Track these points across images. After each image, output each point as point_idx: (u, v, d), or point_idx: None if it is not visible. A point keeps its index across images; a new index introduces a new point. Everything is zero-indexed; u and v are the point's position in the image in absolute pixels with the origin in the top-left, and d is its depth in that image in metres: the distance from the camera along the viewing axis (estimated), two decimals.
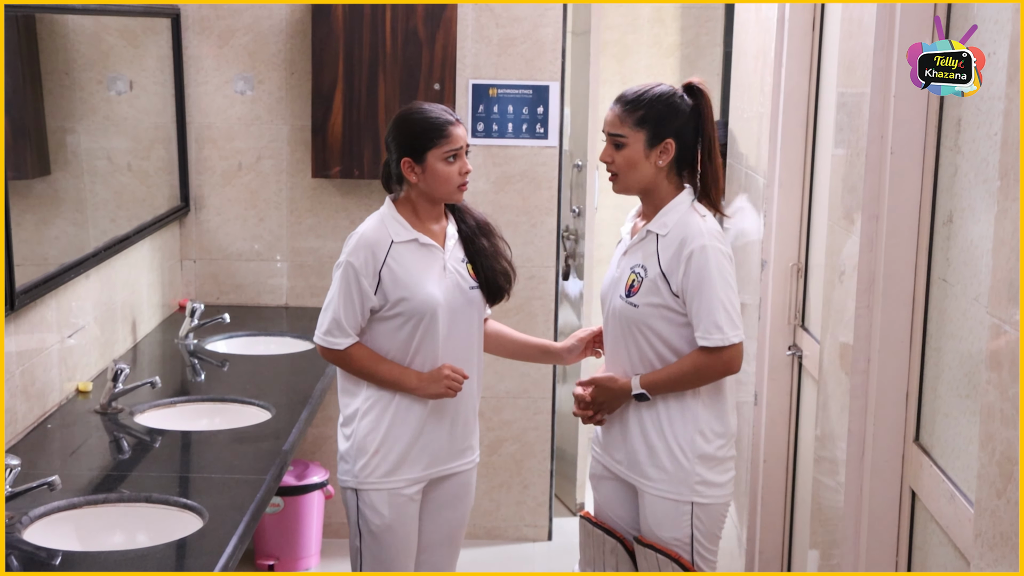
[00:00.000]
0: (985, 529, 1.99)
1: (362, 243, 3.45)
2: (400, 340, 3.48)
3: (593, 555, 3.60)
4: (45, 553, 2.82)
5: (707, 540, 3.41)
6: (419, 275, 3.46)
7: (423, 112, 3.50)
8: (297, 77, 5.27)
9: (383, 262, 3.43)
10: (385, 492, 3.50)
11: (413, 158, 3.46)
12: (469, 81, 5.30)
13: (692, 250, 3.27)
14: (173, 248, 5.23)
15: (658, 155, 3.34)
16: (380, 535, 3.52)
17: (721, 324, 3.26)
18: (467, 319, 3.57)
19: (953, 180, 2.68)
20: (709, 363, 3.29)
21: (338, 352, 3.48)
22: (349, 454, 3.52)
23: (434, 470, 3.57)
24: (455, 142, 3.46)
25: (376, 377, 3.48)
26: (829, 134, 3.59)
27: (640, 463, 3.42)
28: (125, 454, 3.56)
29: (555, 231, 5.40)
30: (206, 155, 5.31)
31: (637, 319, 3.37)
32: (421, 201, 3.52)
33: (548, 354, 3.86)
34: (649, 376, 3.36)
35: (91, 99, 4.42)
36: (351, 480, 3.52)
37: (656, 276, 3.33)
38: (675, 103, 3.34)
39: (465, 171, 3.49)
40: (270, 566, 5.13)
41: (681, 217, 3.33)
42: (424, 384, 3.47)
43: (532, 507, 5.61)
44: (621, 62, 6.79)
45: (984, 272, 2.45)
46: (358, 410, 3.51)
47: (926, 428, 2.86)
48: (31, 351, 3.62)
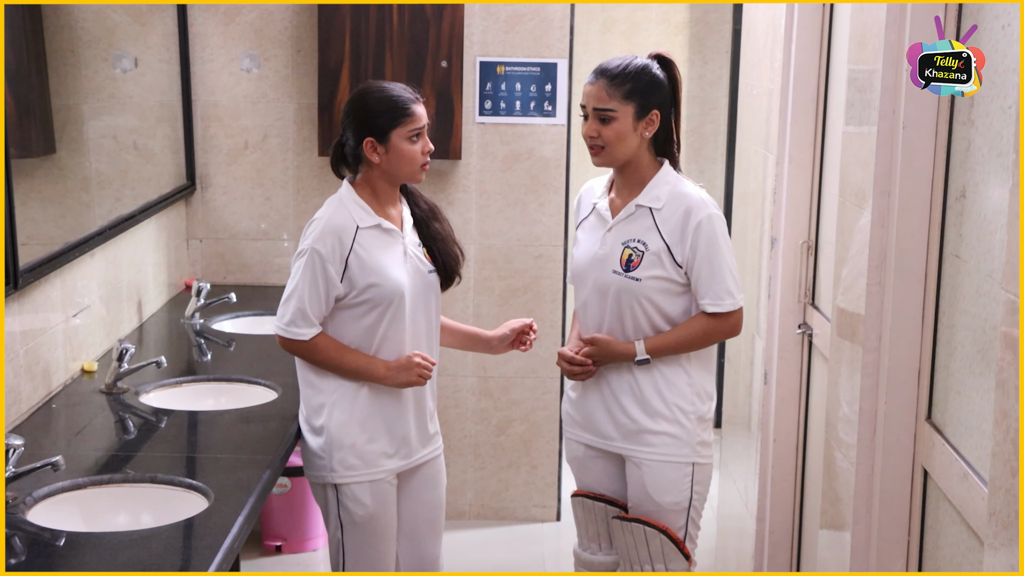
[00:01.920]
0: (999, 508, 1.97)
1: (328, 229, 3.36)
2: (364, 328, 3.42)
3: (597, 530, 3.59)
4: (49, 534, 2.80)
5: (700, 502, 3.49)
6: (384, 261, 3.40)
7: (384, 91, 3.42)
8: (304, 55, 5.23)
9: (350, 248, 3.36)
10: (367, 484, 3.46)
11: (376, 138, 3.39)
12: (476, 58, 5.26)
13: (700, 220, 3.33)
14: (179, 227, 5.20)
15: (644, 127, 3.38)
16: (364, 524, 3.47)
17: (732, 290, 3.36)
18: (426, 304, 3.53)
19: (966, 154, 2.65)
20: (718, 326, 3.38)
21: (302, 343, 3.40)
22: (324, 450, 3.44)
23: (408, 461, 3.54)
24: (418, 120, 3.41)
25: (342, 368, 3.41)
26: (840, 111, 3.56)
27: (637, 432, 3.43)
28: (130, 434, 3.54)
29: (563, 209, 5.37)
30: (212, 133, 5.28)
31: (638, 292, 3.40)
32: (381, 183, 3.45)
33: (479, 342, 3.79)
34: (655, 340, 3.41)
35: (96, 77, 4.39)
36: (329, 475, 3.46)
37: (659, 249, 3.36)
38: (656, 76, 3.40)
39: (427, 150, 3.44)
40: (278, 547, 5.11)
41: (674, 189, 3.39)
42: (393, 373, 3.43)
43: (540, 487, 5.59)
44: (630, 39, 6.75)
45: (998, 247, 2.42)
46: (324, 404, 3.45)
47: (938, 406, 2.83)
48: (35, 330, 3.59)
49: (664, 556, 3.40)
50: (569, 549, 5.28)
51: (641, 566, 3.42)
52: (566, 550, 5.31)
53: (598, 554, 3.61)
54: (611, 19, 6.78)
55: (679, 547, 3.40)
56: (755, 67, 4.78)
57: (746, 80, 5.01)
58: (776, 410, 4.19)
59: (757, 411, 4.47)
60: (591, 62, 6.69)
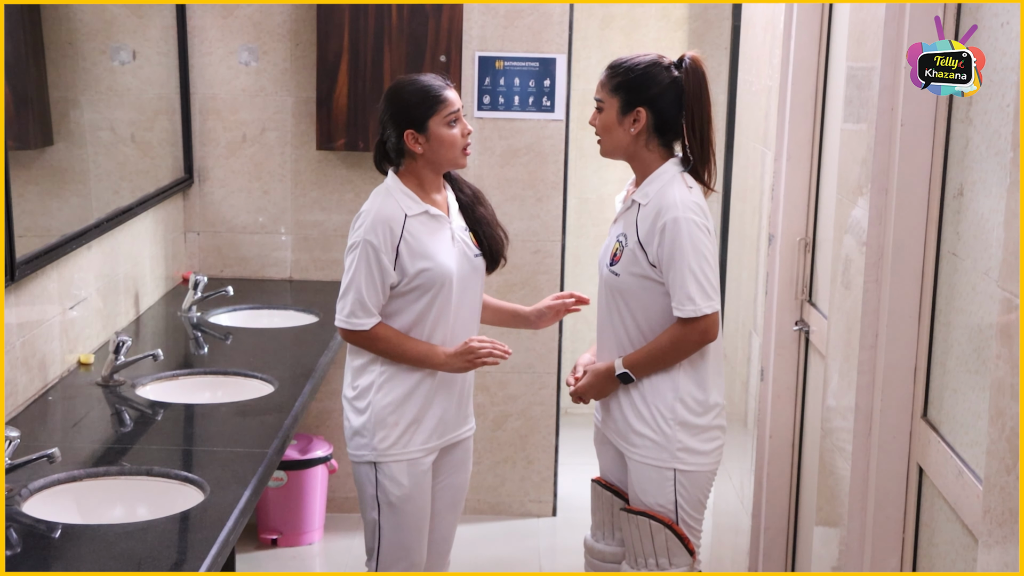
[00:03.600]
0: (994, 505, 1.97)
1: (379, 219, 3.43)
2: (416, 313, 3.49)
3: (602, 518, 3.61)
4: (44, 526, 2.80)
5: (691, 507, 3.43)
6: (433, 246, 3.48)
7: (416, 82, 3.50)
8: (302, 48, 5.23)
9: (400, 236, 3.43)
10: (404, 463, 3.53)
11: (415, 128, 3.46)
12: (475, 53, 5.25)
13: (665, 222, 3.29)
14: (177, 220, 5.20)
15: (631, 123, 3.37)
16: (400, 505, 3.54)
17: (693, 295, 3.27)
18: (473, 287, 3.61)
19: (964, 152, 2.65)
20: (685, 334, 3.31)
21: (363, 333, 3.47)
22: (366, 428, 3.51)
23: (446, 438, 3.61)
24: (453, 105, 3.48)
25: (404, 356, 3.49)
26: (838, 108, 3.56)
27: (626, 430, 3.45)
28: (127, 427, 3.54)
29: (561, 205, 5.37)
30: (210, 127, 5.28)
31: (619, 288, 3.40)
32: (426, 171, 3.52)
33: (518, 318, 3.87)
34: (630, 356, 3.40)
35: (94, 69, 4.38)
36: (370, 454, 3.52)
37: (635, 245, 3.35)
38: (652, 73, 3.36)
39: (467, 132, 3.52)
40: (273, 540, 5.11)
41: (662, 187, 3.35)
42: (452, 360, 3.50)
43: (537, 482, 5.59)
44: (629, 35, 6.75)
45: (995, 246, 2.42)
46: (373, 383, 3.52)
47: (934, 404, 2.83)
48: (32, 322, 3.59)
49: (668, 550, 3.40)
50: (565, 544, 5.30)
51: (646, 559, 3.42)
52: (562, 545, 5.32)
53: (601, 542, 3.62)
54: (610, 15, 6.77)
55: (684, 542, 3.40)
56: (754, 64, 4.78)
57: (745, 77, 5.01)
58: (772, 407, 4.19)
59: (753, 408, 4.47)
60: (590, 57, 6.70)
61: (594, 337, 3.68)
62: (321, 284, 5.32)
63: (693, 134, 3.37)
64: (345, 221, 5.31)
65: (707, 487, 3.47)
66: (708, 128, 3.38)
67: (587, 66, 6.69)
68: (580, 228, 6.80)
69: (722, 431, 3.46)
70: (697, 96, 3.35)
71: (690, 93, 3.35)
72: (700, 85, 3.36)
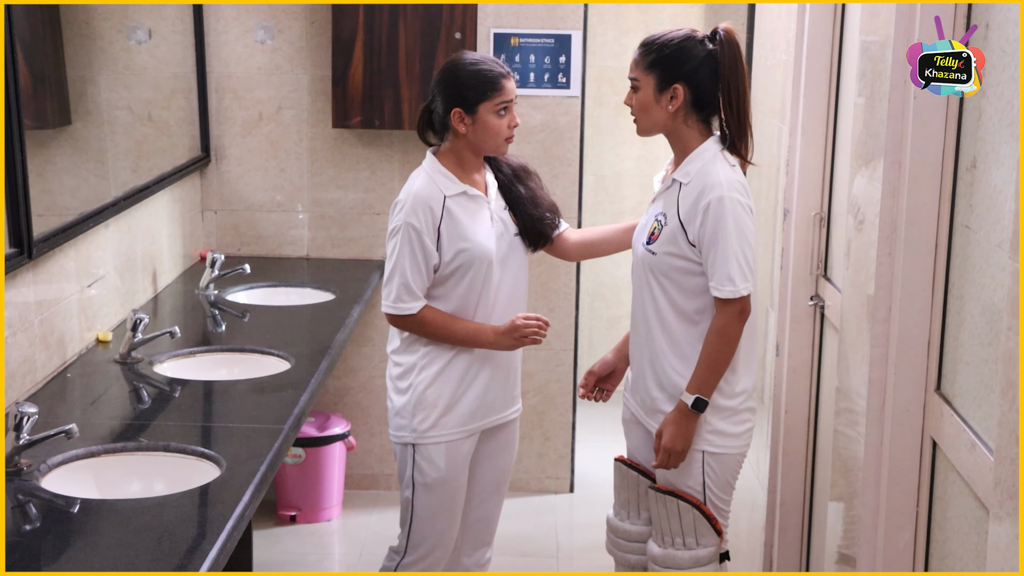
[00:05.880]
0: (1005, 477, 1.97)
1: (419, 202, 3.44)
2: (460, 294, 3.51)
3: (628, 497, 3.60)
4: (63, 500, 2.83)
5: (720, 490, 3.41)
6: (472, 226, 3.49)
7: (478, 63, 3.49)
8: (317, 26, 5.23)
9: (440, 218, 3.45)
10: (443, 445, 3.56)
11: (464, 109, 3.46)
12: (491, 30, 5.25)
13: (709, 201, 3.24)
14: (194, 199, 5.22)
15: (668, 100, 3.32)
16: (434, 487, 3.57)
17: (734, 276, 3.24)
18: (516, 265, 3.62)
19: (977, 124, 2.64)
20: (726, 317, 3.27)
21: (411, 317, 3.48)
22: (406, 409, 3.54)
23: (488, 420, 3.63)
24: (507, 95, 3.47)
25: (453, 337, 3.50)
26: (852, 82, 3.55)
27: (653, 409, 3.43)
28: (144, 403, 3.57)
29: (577, 181, 5.36)
30: (227, 105, 5.29)
31: (655, 267, 3.36)
32: (466, 153, 3.53)
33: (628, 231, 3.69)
34: (691, 382, 3.31)
35: (111, 48, 4.40)
36: (409, 435, 3.55)
37: (675, 225, 3.31)
38: (687, 47, 3.31)
39: (514, 124, 3.51)
40: (292, 517, 5.14)
41: (704, 166, 3.30)
42: (501, 338, 3.52)
43: (554, 459, 5.60)
44: (645, 12, 6.73)
45: (1008, 218, 2.42)
46: (416, 364, 3.54)
47: (947, 377, 2.83)
48: (50, 300, 3.62)
49: (696, 530, 3.39)
50: (582, 520, 5.31)
51: (672, 538, 3.41)
52: (579, 522, 5.34)
53: (625, 521, 3.62)
54: None
55: (712, 523, 3.40)
56: (769, 39, 4.77)
57: (760, 52, 5.00)
58: (788, 382, 4.20)
59: (769, 383, 4.48)
60: (606, 34, 6.69)
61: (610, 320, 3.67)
62: (338, 262, 5.34)
63: (730, 108, 3.32)
64: (361, 199, 5.32)
65: (736, 469, 3.44)
66: (745, 101, 3.34)
67: (603, 43, 6.67)
68: (597, 205, 6.79)
69: (752, 413, 3.43)
70: (733, 69, 3.30)
71: (726, 66, 3.30)
72: (735, 57, 3.31)
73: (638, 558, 3.59)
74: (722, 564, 3.48)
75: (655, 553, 3.45)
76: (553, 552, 5.04)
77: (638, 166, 6.74)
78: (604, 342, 6.89)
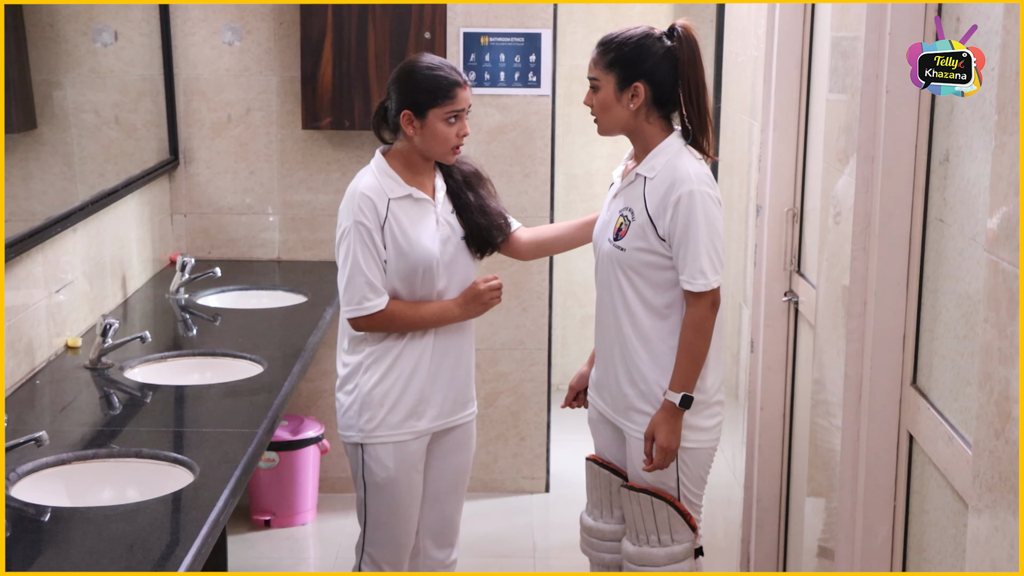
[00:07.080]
0: (983, 470, 1.96)
1: (365, 201, 3.42)
2: (404, 297, 3.49)
3: (600, 496, 3.59)
4: (34, 509, 2.79)
5: (693, 485, 3.42)
6: (415, 229, 3.46)
7: (434, 69, 3.45)
8: (286, 27, 5.20)
9: (384, 218, 3.43)
10: (391, 445, 3.53)
11: (415, 112, 3.43)
12: (460, 29, 5.23)
13: (680, 195, 3.24)
14: (163, 202, 5.18)
15: (629, 98, 3.31)
16: (385, 487, 3.54)
17: (705, 270, 3.24)
18: (463, 269, 3.58)
19: (950, 118, 2.64)
20: (698, 310, 3.28)
21: (379, 316, 3.45)
22: (353, 409, 3.52)
23: (439, 423, 3.60)
24: (459, 104, 3.44)
25: (423, 322, 3.49)
26: (824, 77, 3.55)
27: (625, 408, 3.42)
28: (115, 410, 3.53)
29: (548, 180, 5.35)
30: (195, 107, 5.25)
31: (624, 262, 3.35)
32: (414, 156, 3.51)
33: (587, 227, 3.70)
34: (672, 380, 3.30)
35: (76, 51, 4.36)
36: (356, 435, 3.53)
37: (643, 220, 3.30)
38: (646, 45, 3.31)
39: (463, 133, 3.48)
40: (266, 521, 5.11)
41: (670, 160, 3.30)
42: (467, 307, 3.54)
43: (529, 459, 5.59)
44: (614, 10, 6.72)
45: (982, 211, 2.42)
46: (361, 364, 3.51)
47: (923, 371, 2.83)
48: (18, 306, 3.58)
49: (671, 527, 3.39)
50: (558, 520, 5.30)
51: (647, 536, 3.41)
52: (555, 521, 5.32)
53: (599, 521, 3.60)
54: None
55: (686, 519, 3.39)
56: (739, 35, 4.77)
57: (730, 48, 5.00)
58: (763, 378, 4.19)
59: (744, 380, 4.47)
60: (575, 32, 6.68)
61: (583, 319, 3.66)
62: (309, 264, 5.31)
63: (691, 103, 3.33)
64: (332, 201, 5.29)
65: (708, 464, 3.45)
66: (704, 96, 3.34)
67: (572, 41, 6.67)
68: (569, 204, 6.79)
69: (721, 407, 3.44)
70: (692, 64, 3.31)
71: (685, 62, 3.31)
72: (694, 53, 3.32)
73: (612, 557, 3.58)
74: (696, 560, 3.48)
75: (630, 551, 3.45)
76: (530, 552, 5.03)
77: (609, 164, 6.73)
78: (578, 341, 6.88)
